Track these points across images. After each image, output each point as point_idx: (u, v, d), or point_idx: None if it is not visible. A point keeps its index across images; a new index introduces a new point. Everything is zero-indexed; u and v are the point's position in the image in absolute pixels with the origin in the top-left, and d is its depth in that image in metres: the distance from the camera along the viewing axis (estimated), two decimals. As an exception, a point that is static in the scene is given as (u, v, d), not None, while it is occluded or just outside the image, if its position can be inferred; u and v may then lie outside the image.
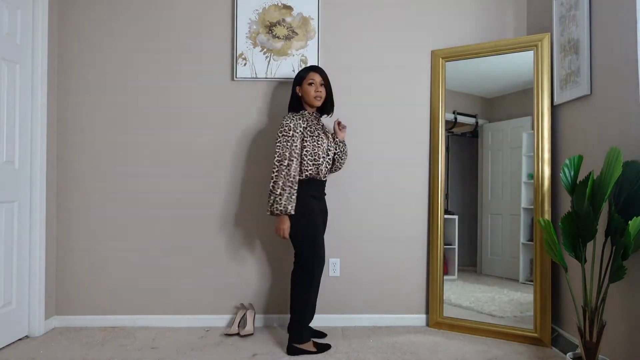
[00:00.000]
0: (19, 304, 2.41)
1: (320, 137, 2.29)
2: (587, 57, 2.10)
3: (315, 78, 2.30)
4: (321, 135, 2.30)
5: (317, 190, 2.32)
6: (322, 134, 2.32)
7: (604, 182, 1.67)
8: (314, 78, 2.30)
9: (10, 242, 2.35)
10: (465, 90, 2.70)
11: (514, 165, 2.57)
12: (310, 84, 2.30)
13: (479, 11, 2.75)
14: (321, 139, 2.29)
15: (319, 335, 2.46)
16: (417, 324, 2.70)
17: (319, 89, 2.30)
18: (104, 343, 2.38)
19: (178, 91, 2.71)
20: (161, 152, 2.70)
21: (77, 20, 2.69)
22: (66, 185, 2.68)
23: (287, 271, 2.67)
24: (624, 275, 1.65)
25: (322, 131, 2.34)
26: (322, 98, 2.32)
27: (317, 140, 2.27)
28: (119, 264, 2.69)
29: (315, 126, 2.31)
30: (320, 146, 2.28)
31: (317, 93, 2.29)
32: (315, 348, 2.25)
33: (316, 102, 2.31)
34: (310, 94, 2.29)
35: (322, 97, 2.32)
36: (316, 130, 2.30)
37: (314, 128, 2.29)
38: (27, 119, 2.47)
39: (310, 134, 2.27)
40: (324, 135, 2.34)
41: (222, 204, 2.71)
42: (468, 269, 2.77)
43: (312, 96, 2.29)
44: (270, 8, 2.70)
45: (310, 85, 2.29)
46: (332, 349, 2.29)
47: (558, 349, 2.28)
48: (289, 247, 2.65)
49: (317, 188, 2.32)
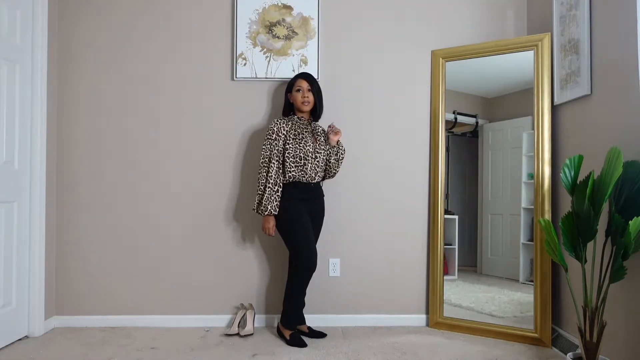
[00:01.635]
0: (19, 304, 2.41)
1: (305, 139, 2.36)
2: (587, 57, 2.10)
3: (302, 85, 2.40)
4: (306, 138, 2.37)
5: (305, 193, 2.38)
6: (309, 137, 2.39)
7: (604, 182, 1.67)
8: (301, 85, 2.40)
9: (10, 242, 2.35)
10: (465, 90, 2.70)
11: (514, 165, 2.57)
12: (298, 90, 2.40)
13: (479, 11, 2.75)
14: (305, 141, 2.36)
15: (318, 335, 2.46)
16: (417, 324, 2.70)
17: (305, 95, 2.39)
18: (104, 343, 2.38)
19: (178, 91, 2.71)
20: (161, 152, 2.70)
21: (76, 20, 2.69)
22: (66, 185, 2.68)
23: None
24: (625, 275, 1.65)
25: (310, 134, 2.41)
26: (310, 103, 2.41)
27: (299, 143, 2.35)
28: (119, 264, 2.69)
29: (302, 129, 2.40)
30: (303, 148, 2.34)
31: (304, 99, 2.39)
32: (288, 337, 2.35)
33: (304, 107, 2.40)
34: (297, 100, 2.40)
35: (310, 102, 2.41)
36: (302, 133, 2.38)
37: (299, 131, 2.39)
38: (27, 119, 2.47)
39: (293, 137, 2.37)
40: (312, 138, 2.40)
41: (222, 205, 2.71)
42: (468, 269, 2.77)
43: (299, 102, 2.40)
44: (270, 8, 2.70)
45: (298, 92, 2.40)
46: (332, 349, 2.29)
47: (558, 349, 2.28)
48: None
49: (304, 190, 2.38)
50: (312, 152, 2.37)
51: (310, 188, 2.40)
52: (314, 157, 2.37)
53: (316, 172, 2.39)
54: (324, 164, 2.44)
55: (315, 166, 2.38)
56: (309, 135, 2.40)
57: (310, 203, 2.41)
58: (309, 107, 2.42)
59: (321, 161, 2.41)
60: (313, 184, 2.41)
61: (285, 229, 2.36)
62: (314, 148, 2.38)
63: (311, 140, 2.38)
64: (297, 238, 2.32)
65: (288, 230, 2.35)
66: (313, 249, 2.33)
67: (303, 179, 2.36)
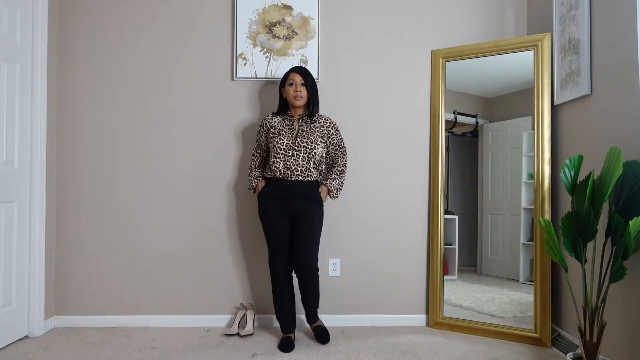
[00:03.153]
0: (18, 304, 2.41)
1: (281, 135, 2.32)
2: (587, 57, 2.10)
3: (295, 78, 2.33)
4: (283, 133, 2.33)
5: (279, 190, 2.32)
6: (287, 132, 2.33)
7: (605, 182, 1.67)
8: (294, 78, 2.33)
9: (10, 242, 2.35)
10: (465, 90, 2.70)
11: (514, 165, 2.57)
12: (291, 84, 2.34)
13: (479, 11, 2.75)
14: (281, 136, 2.32)
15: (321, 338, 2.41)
16: (417, 324, 2.70)
17: (298, 89, 2.32)
18: (104, 343, 2.38)
19: (178, 91, 2.71)
20: (161, 152, 2.70)
21: (76, 20, 2.69)
22: (66, 185, 2.68)
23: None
24: (625, 276, 1.65)
25: (288, 129, 2.34)
26: (302, 97, 2.33)
27: (275, 138, 2.33)
28: (118, 264, 2.69)
29: (284, 125, 2.36)
30: (276, 144, 2.31)
31: (296, 93, 2.32)
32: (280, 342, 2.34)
33: (296, 101, 2.33)
34: (290, 95, 2.34)
35: (303, 96, 2.33)
36: (282, 129, 2.35)
37: (280, 127, 2.36)
38: (27, 119, 2.47)
39: (272, 133, 2.36)
40: (290, 133, 2.33)
41: (222, 204, 2.71)
42: (468, 269, 2.78)
43: (291, 96, 2.33)
44: (270, 8, 2.70)
45: (291, 86, 2.34)
46: (332, 348, 2.29)
47: (558, 349, 2.28)
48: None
49: (279, 188, 2.32)
50: (285, 149, 2.29)
51: (286, 186, 2.30)
52: (288, 154, 2.29)
53: (294, 170, 2.29)
54: (312, 161, 2.32)
55: (291, 163, 2.29)
56: (287, 130, 2.33)
57: (289, 202, 2.30)
58: (301, 102, 2.34)
59: (303, 158, 2.30)
60: (290, 182, 2.29)
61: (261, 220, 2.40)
62: (292, 144, 2.29)
63: (287, 136, 2.31)
64: (265, 232, 2.38)
65: (261, 222, 2.40)
66: (277, 240, 2.33)
67: (277, 175, 2.31)
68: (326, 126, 2.40)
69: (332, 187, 2.38)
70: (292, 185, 2.30)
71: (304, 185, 2.32)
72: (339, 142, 2.45)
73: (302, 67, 2.40)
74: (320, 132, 2.37)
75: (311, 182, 2.34)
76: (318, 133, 2.36)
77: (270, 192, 2.34)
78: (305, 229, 2.31)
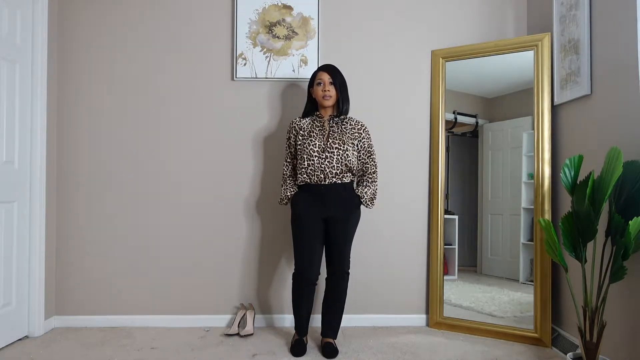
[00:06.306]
0: (18, 304, 2.41)
1: (312, 137, 2.21)
2: (587, 57, 2.10)
3: (323, 77, 2.24)
4: (313, 135, 2.21)
5: (313, 195, 2.22)
6: (318, 134, 2.22)
7: (605, 182, 1.67)
8: (321, 77, 2.24)
9: (9, 242, 2.35)
10: (465, 90, 2.70)
11: (514, 165, 2.57)
12: (319, 83, 2.24)
13: (479, 11, 2.75)
14: (312, 138, 2.20)
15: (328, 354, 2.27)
16: (417, 324, 2.70)
17: (326, 88, 2.22)
18: (104, 343, 2.38)
19: (178, 91, 2.71)
20: (161, 152, 2.70)
21: (77, 20, 2.69)
22: (66, 185, 2.68)
23: (287, 271, 2.68)
24: (624, 276, 1.65)
25: (319, 131, 2.23)
26: (331, 97, 2.23)
27: (305, 141, 2.22)
28: (118, 264, 2.68)
29: (314, 127, 2.26)
30: (307, 147, 2.20)
31: (324, 92, 2.21)
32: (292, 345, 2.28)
33: (325, 101, 2.23)
34: (318, 94, 2.24)
35: (332, 96, 2.23)
36: (312, 130, 2.24)
37: (309, 129, 2.25)
38: (27, 118, 2.47)
39: (302, 136, 2.24)
40: (321, 135, 2.22)
41: (222, 204, 2.70)
42: (468, 269, 2.78)
43: (320, 96, 2.23)
44: (270, 8, 2.70)
45: (319, 85, 2.24)
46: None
47: (558, 349, 2.28)
48: (289, 247, 2.65)
49: (313, 193, 2.22)
50: (318, 151, 2.18)
51: (322, 191, 2.20)
52: (321, 157, 2.18)
53: (328, 173, 2.19)
54: (345, 163, 2.20)
55: (325, 166, 2.18)
56: (317, 132, 2.23)
57: (323, 208, 2.21)
58: (330, 102, 2.23)
59: (337, 160, 2.19)
60: (325, 186, 2.20)
61: (292, 232, 2.29)
62: (324, 146, 2.19)
63: (319, 137, 2.21)
64: (295, 243, 2.26)
65: (292, 232, 2.28)
66: (306, 258, 2.20)
67: (309, 180, 2.21)
68: (357, 128, 2.30)
69: (367, 195, 2.28)
70: (328, 189, 2.21)
71: (340, 189, 2.23)
72: (369, 147, 2.32)
73: (331, 65, 2.29)
74: (351, 134, 2.27)
75: (347, 185, 2.25)
76: (349, 135, 2.26)
77: (306, 198, 2.24)
78: (342, 235, 2.24)
